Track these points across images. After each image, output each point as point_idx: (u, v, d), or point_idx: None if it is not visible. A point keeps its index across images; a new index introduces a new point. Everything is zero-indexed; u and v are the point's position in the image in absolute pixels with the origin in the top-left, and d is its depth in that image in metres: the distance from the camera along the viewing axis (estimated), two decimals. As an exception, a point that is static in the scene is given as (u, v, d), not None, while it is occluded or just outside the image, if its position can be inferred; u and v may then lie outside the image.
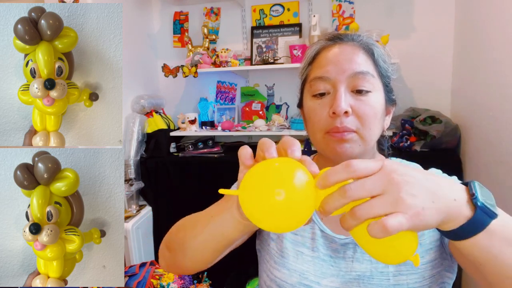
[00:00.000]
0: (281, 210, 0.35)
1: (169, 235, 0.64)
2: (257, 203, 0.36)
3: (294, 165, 0.37)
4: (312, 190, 0.37)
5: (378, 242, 0.36)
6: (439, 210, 0.36)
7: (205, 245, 0.55)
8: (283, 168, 0.37)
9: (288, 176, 0.36)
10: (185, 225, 0.61)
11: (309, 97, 0.63)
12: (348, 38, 0.64)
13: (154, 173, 2.07)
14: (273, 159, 0.39)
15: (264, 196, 0.36)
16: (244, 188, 0.37)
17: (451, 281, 0.62)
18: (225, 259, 0.70)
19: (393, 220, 0.33)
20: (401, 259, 0.37)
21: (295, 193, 0.35)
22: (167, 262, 0.64)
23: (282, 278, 0.64)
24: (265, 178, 0.36)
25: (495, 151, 1.47)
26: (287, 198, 0.35)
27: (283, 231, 0.39)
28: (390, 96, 0.65)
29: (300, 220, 0.37)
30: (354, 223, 0.35)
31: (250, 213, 0.37)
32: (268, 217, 0.36)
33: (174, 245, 0.61)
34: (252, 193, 0.37)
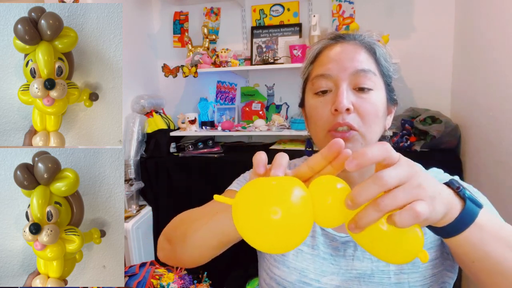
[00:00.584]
0: (277, 229, 0.34)
1: (170, 227, 0.64)
2: (251, 222, 0.35)
3: (292, 182, 0.36)
4: (309, 209, 0.36)
5: (385, 242, 0.36)
6: (445, 201, 0.37)
7: (206, 241, 0.55)
8: (280, 186, 0.35)
9: (286, 194, 0.34)
10: (187, 218, 0.61)
11: (311, 95, 0.63)
12: (350, 37, 0.64)
13: (154, 173, 2.07)
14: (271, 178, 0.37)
15: (259, 215, 0.34)
16: (238, 203, 0.36)
17: (452, 280, 0.62)
18: (225, 259, 0.70)
19: (421, 206, 0.33)
20: (410, 257, 0.36)
21: (293, 213, 0.34)
22: (165, 254, 0.64)
23: (282, 276, 0.64)
24: (260, 196, 0.35)
25: (495, 151, 1.47)
26: (284, 217, 0.33)
27: (276, 252, 0.37)
28: (392, 95, 0.65)
29: (295, 241, 0.36)
30: (378, 215, 0.34)
31: (243, 231, 0.36)
32: (262, 236, 0.35)
33: (174, 238, 0.61)
34: (246, 210, 0.35)
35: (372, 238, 0.36)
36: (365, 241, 0.37)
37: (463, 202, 0.41)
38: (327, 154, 0.38)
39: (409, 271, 0.59)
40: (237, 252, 0.77)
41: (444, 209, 0.37)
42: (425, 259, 0.36)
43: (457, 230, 0.40)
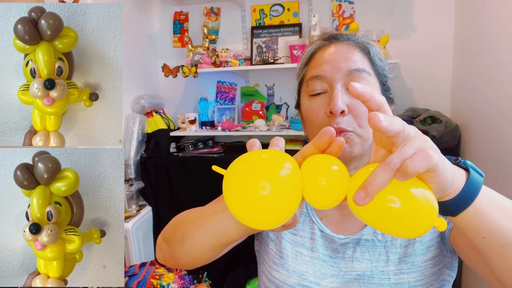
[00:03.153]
0: (266, 205, 0.33)
1: (168, 228, 0.64)
2: (240, 196, 0.34)
3: (281, 156, 0.36)
4: (299, 183, 0.35)
5: (398, 213, 0.33)
6: (449, 164, 0.36)
7: (204, 242, 0.54)
8: (270, 160, 0.35)
9: (275, 168, 0.34)
10: (186, 219, 0.60)
11: (306, 97, 0.63)
12: (344, 37, 0.64)
13: (154, 173, 2.07)
14: (260, 151, 0.37)
15: (248, 190, 0.33)
16: (228, 179, 0.36)
17: (451, 279, 0.62)
18: (225, 259, 0.70)
19: (430, 151, 0.32)
20: (426, 226, 0.33)
21: (281, 187, 0.33)
22: (164, 255, 0.64)
23: (281, 279, 0.64)
24: (250, 170, 0.34)
25: (495, 151, 1.47)
26: (273, 192, 0.33)
27: (264, 228, 0.37)
28: (388, 94, 0.65)
29: (284, 216, 0.35)
30: (388, 176, 0.32)
31: (230, 202, 0.35)
32: (251, 211, 0.34)
33: (172, 239, 0.60)
34: (236, 185, 0.34)
35: (382, 212, 0.33)
36: (374, 217, 0.34)
37: (466, 172, 0.40)
38: (318, 143, 0.38)
39: (409, 271, 0.59)
40: (237, 252, 0.77)
41: (450, 170, 0.36)
42: (443, 227, 0.34)
43: (468, 200, 0.38)
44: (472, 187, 0.38)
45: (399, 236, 0.35)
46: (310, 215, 0.67)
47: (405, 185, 0.33)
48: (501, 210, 0.40)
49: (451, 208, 0.39)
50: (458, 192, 0.38)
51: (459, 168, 0.40)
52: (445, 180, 0.35)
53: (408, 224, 0.33)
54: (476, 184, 0.38)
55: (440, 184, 0.35)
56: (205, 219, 0.54)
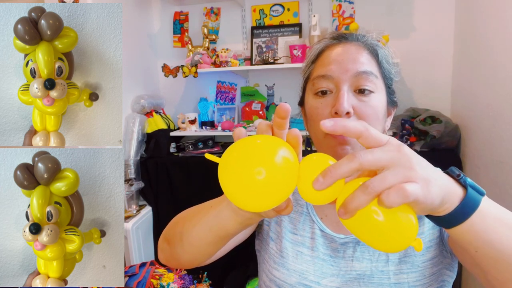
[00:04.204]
0: (261, 189, 0.34)
1: (168, 227, 0.64)
2: (236, 181, 0.35)
3: (277, 142, 0.36)
4: (295, 168, 0.36)
5: (377, 229, 0.35)
6: (441, 186, 0.36)
7: (202, 237, 0.54)
8: (265, 145, 0.35)
9: (270, 154, 0.34)
10: (184, 217, 0.60)
11: (311, 96, 0.63)
12: (353, 37, 0.64)
13: (154, 173, 2.07)
14: (255, 136, 0.37)
15: (243, 174, 0.34)
16: (223, 163, 0.36)
17: (451, 279, 0.62)
18: (225, 258, 0.70)
19: (411, 186, 0.33)
20: (403, 244, 0.35)
21: (277, 172, 0.34)
22: (165, 255, 0.64)
23: (282, 278, 0.64)
24: (245, 155, 0.35)
25: (495, 151, 1.47)
26: (268, 177, 0.33)
27: (259, 210, 0.38)
28: (392, 98, 0.65)
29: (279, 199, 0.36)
30: (366, 199, 0.33)
31: (228, 189, 0.36)
32: (246, 195, 0.35)
33: (172, 238, 0.60)
34: (231, 169, 0.35)
35: (364, 225, 0.35)
36: (357, 228, 0.36)
37: (464, 190, 0.39)
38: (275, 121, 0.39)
39: (408, 271, 0.59)
40: (237, 252, 0.77)
41: (440, 193, 0.36)
42: (419, 248, 0.35)
43: (460, 218, 0.38)
44: (467, 206, 0.38)
45: (377, 249, 0.37)
46: (310, 214, 0.67)
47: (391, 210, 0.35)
48: (500, 226, 0.40)
49: (443, 222, 0.39)
50: (450, 210, 0.38)
51: (457, 186, 0.40)
52: (430, 206, 0.35)
53: (385, 240, 0.35)
54: (472, 203, 0.38)
55: (424, 210, 0.36)
56: (202, 214, 0.54)
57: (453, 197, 0.38)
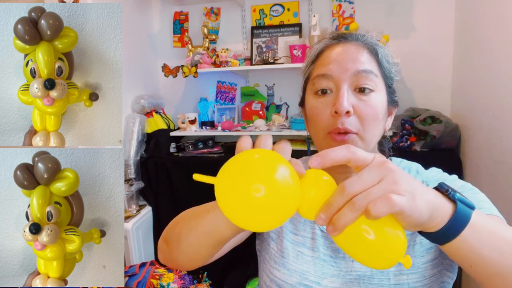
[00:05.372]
0: (260, 208, 0.32)
1: (167, 229, 0.64)
2: (233, 199, 0.33)
3: (276, 158, 0.34)
4: (296, 186, 0.34)
5: (368, 244, 0.35)
6: (428, 200, 0.37)
7: (199, 240, 0.54)
8: (264, 161, 0.33)
9: (270, 170, 0.32)
10: (181, 220, 0.61)
11: (311, 95, 0.63)
12: (353, 37, 0.64)
13: (154, 173, 2.07)
14: (253, 150, 0.35)
15: (241, 192, 0.32)
16: (220, 181, 0.34)
17: (451, 280, 0.62)
18: (225, 258, 0.70)
19: (396, 196, 0.33)
20: (391, 261, 0.36)
21: (277, 190, 0.32)
22: (164, 256, 0.64)
23: (282, 279, 0.64)
24: (243, 172, 0.33)
25: (495, 151, 1.47)
26: (267, 195, 0.31)
27: (260, 230, 0.36)
28: (393, 97, 0.65)
29: (280, 219, 0.34)
30: (354, 215, 0.34)
31: (226, 209, 0.34)
32: (245, 215, 0.33)
33: (170, 240, 0.61)
34: (228, 187, 0.33)
35: (353, 242, 0.35)
36: (346, 245, 0.37)
37: (454, 205, 0.40)
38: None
39: (408, 272, 0.59)
40: (237, 252, 0.76)
41: (428, 207, 0.36)
42: (407, 265, 0.36)
43: (452, 234, 0.39)
44: (458, 221, 0.39)
45: (364, 264, 0.37)
46: None
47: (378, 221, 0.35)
48: (492, 240, 0.40)
49: (436, 239, 0.40)
50: (442, 226, 0.38)
51: (446, 201, 0.40)
52: (418, 219, 0.36)
53: (373, 256, 0.36)
54: (463, 218, 0.39)
55: (412, 223, 0.36)
56: (199, 218, 0.54)
57: (443, 212, 0.38)
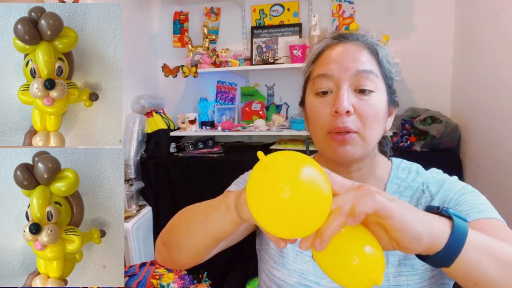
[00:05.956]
0: (286, 209, 0.31)
1: (165, 231, 0.64)
2: (260, 202, 0.32)
3: (303, 159, 0.33)
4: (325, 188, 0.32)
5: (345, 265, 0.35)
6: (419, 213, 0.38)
7: (201, 241, 0.55)
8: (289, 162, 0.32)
9: (295, 171, 0.31)
10: (180, 222, 0.61)
11: (311, 95, 0.63)
12: (353, 37, 0.64)
13: (154, 173, 2.07)
14: (277, 154, 0.34)
15: (266, 193, 0.31)
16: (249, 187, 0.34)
17: (451, 282, 0.61)
18: (225, 259, 0.70)
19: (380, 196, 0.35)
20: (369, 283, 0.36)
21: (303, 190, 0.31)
22: (162, 258, 0.64)
23: (282, 278, 0.64)
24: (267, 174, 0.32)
25: (495, 151, 1.47)
26: (293, 195, 0.30)
27: (291, 236, 0.35)
28: (393, 97, 0.65)
29: (310, 225, 0.33)
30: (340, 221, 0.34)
31: (255, 214, 0.34)
32: (272, 218, 0.32)
33: (169, 242, 0.61)
34: (255, 190, 0.33)
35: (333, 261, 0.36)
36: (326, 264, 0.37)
37: (449, 220, 0.41)
38: None
39: (408, 273, 0.58)
40: (237, 252, 0.77)
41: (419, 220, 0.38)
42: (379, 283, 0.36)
43: (458, 247, 0.39)
44: (458, 233, 0.39)
45: (340, 284, 0.38)
46: None
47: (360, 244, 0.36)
48: (489, 254, 0.41)
49: (443, 259, 0.40)
50: (446, 240, 0.39)
51: (440, 218, 0.41)
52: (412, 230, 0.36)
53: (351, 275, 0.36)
54: (461, 230, 0.40)
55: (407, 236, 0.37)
56: (200, 218, 0.54)
57: (442, 227, 0.39)
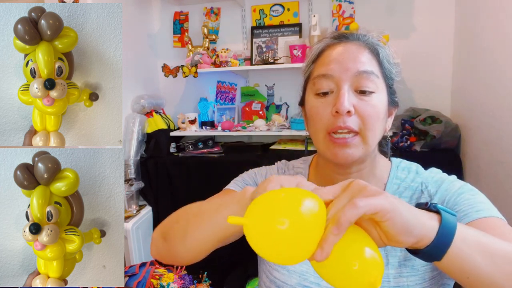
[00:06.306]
0: (284, 240, 0.34)
1: (167, 223, 0.62)
2: (260, 233, 0.35)
3: (301, 193, 0.36)
4: (322, 219, 0.35)
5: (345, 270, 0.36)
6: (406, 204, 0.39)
7: (208, 238, 0.53)
8: (289, 197, 0.36)
9: (294, 204, 0.34)
10: (187, 214, 0.59)
11: (312, 95, 0.63)
12: (354, 37, 0.63)
13: (154, 173, 2.07)
14: (280, 189, 0.37)
15: (267, 225, 0.34)
16: (248, 218, 0.36)
17: (451, 282, 0.61)
18: (225, 259, 0.70)
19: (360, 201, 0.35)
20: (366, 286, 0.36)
21: (301, 222, 0.34)
22: (160, 251, 0.62)
23: (282, 279, 0.64)
24: (269, 207, 0.35)
25: (495, 151, 1.47)
26: (291, 227, 0.33)
27: (287, 263, 0.37)
28: (393, 97, 0.65)
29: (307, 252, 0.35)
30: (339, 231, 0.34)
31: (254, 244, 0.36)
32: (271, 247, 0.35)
33: (171, 235, 0.59)
34: (256, 223, 0.35)
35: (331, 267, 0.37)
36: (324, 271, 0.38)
37: (437, 215, 0.41)
38: None
39: (408, 274, 0.58)
40: (237, 252, 0.76)
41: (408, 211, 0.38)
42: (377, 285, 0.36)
43: (447, 240, 0.39)
44: (447, 227, 0.40)
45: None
46: None
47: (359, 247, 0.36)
48: (481, 248, 0.41)
49: (434, 252, 0.40)
50: (435, 234, 0.39)
51: (429, 213, 0.41)
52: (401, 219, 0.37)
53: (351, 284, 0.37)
54: (450, 223, 0.40)
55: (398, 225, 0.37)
56: (208, 214, 0.53)
57: (430, 221, 0.40)
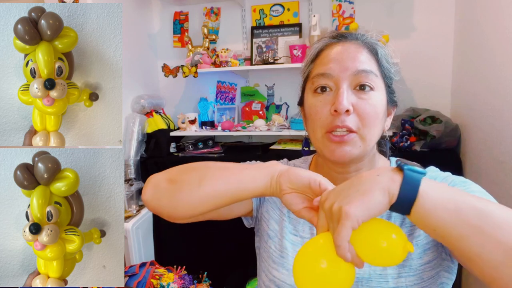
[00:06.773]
0: (325, 276, 0.43)
1: (178, 170, 0.60)
2: (305, 273, 0.44)
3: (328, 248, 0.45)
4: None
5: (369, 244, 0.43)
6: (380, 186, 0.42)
7: (228, 190, 0.54)
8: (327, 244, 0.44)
9: (331, 250, 0.43)
10: (207, 165, 0.58)
11: (310, 94, 0.63)
12: (352, 36, 0.64)
13: (154, 173, 2.07)
14: (318, 237, 0.46)
15: (310, 266, 0.44)
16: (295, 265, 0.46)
17: (450, 281, 0.61)
18: (225, 259, 0.70)
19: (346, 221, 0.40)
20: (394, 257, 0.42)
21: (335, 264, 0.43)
22: (157, 195, 0.58)
23: (281, 279, 0.64)
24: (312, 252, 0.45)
25: (495, 151, 1.47)
26: (329, 267, 0.43)
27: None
28: (392, 97, 0.65)
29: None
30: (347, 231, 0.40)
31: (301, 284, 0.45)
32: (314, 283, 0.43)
33: (184, 180, 0.57)
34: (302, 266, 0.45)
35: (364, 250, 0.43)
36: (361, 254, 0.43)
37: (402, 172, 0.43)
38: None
39: (406, 275, 0.58)
40: (237, 252, 0.77)
41: (382, 191, 0.42)
42: (411, 249, 0.41)
43: (409, 197, 0.41)
44: (409, 183, 0.42)
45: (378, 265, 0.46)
46: None
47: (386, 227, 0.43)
48: (450, 203, 0.41)
49: (400, 207, 0.42)
50: (397, 193, 0.42)
51: (396, 173, 0.43)
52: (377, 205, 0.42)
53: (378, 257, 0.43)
54: (413, 181, 0.42)
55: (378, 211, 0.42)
56: (232, 171, 0.55)
57: (392, 183, 0.42)
